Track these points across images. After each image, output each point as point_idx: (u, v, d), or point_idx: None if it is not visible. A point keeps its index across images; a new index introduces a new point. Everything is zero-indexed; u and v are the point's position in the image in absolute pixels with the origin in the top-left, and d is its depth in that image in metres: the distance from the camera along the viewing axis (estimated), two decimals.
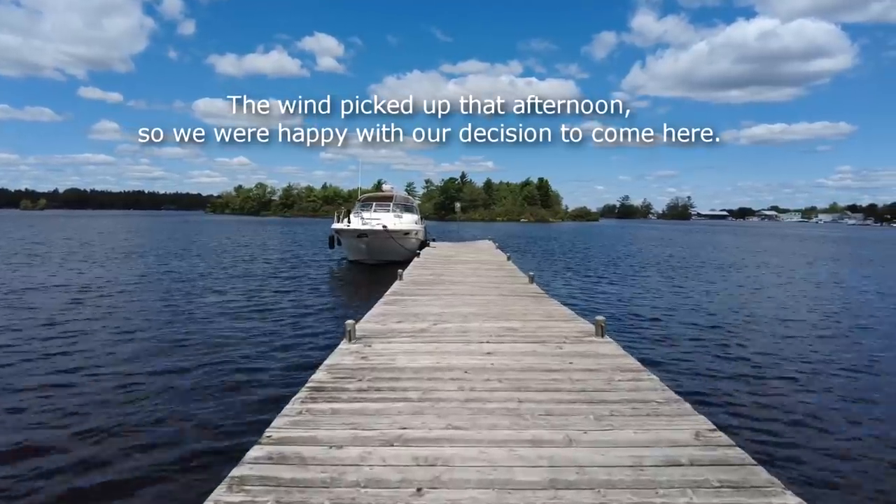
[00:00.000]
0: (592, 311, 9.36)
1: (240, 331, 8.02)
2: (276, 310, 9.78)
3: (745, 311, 10.60)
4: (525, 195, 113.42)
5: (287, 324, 8.59)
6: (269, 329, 8.19)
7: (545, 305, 7.08)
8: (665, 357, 6.87)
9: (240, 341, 7.35)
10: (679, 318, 9.70)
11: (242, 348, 6.97)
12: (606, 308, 10.27)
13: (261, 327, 8.31)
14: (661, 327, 8.87)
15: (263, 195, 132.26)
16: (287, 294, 11.48)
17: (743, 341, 7.98)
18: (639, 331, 8.52)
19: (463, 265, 12.37)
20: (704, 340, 7.97)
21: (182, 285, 12.33)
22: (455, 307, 6.82)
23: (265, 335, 7.76)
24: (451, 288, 8.62)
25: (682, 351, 7.29)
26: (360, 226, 14.91)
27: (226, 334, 7.75)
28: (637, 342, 7.53)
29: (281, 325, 8.46)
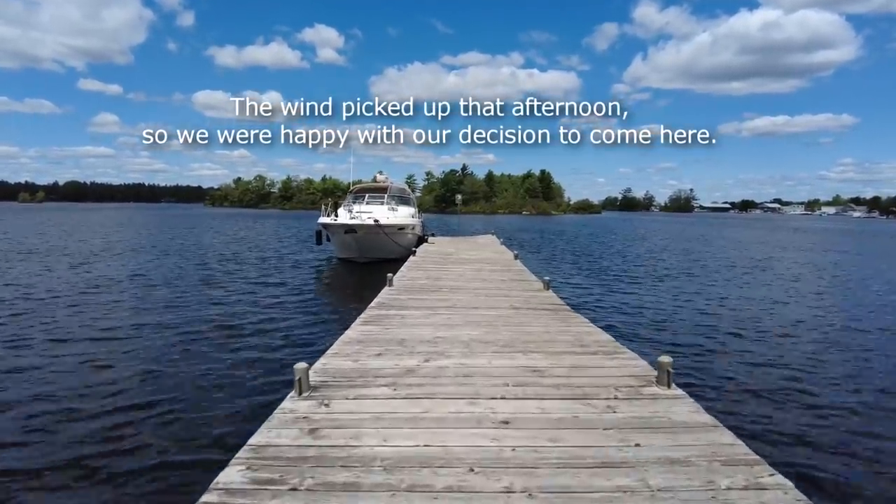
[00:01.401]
0: (631, 332, 7.71)
1: (164, 366, 5.89)
2: (228, 331, 7.50)
3: (831, 333, 8.13)
4: (527, 187, 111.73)
5: (233, 359, 6.18)
6: (203, 369, 5.78)
7: (573, 325, 5.52)
8: (754, 417, 4.73)
9: (152, 386, 5.24)
10: (743, 346, 7.21)
11: (155, 398, 4.87)
12: (640, 324, 8.51)
13: (191, 368, 5.83)
14: (727, 365, 6.30)
15: (262, 188, 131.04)
16: (252, 305, 9.37)
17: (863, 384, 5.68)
18: (702, 368, 6.17)
19: (464, 266, 10.81)
20: (800, 385, 5.60)
21: (131, 293, 10.34)
22: (455, 328, 5.27)
23: (194, 378, 5.49)
24: (449, 298, 7.07)
25: (770, 407, 4.98)
26: (347, 220, 13.30)
27: (150, 369, 5.73)
28: (704, 386, 5.46)
29: (223, 360, 6.14)
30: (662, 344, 7.10)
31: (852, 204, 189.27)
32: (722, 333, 7.96)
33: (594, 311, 9.06)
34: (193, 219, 51.52)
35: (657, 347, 6.71)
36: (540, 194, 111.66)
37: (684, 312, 9.55)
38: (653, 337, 7.61)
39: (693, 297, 11.18)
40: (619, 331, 7.47)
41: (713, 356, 6.76)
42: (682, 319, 8.95)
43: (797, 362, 6.52)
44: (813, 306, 10.45)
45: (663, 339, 7.45)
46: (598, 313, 8.96)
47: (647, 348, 6.63)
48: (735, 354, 6.88)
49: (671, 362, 3.51)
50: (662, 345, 7.01)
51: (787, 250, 25.44)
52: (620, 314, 9.26)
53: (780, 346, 7.40)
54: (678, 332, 8.02)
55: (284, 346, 6.86)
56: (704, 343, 7.38)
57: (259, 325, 7.93)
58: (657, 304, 10.24)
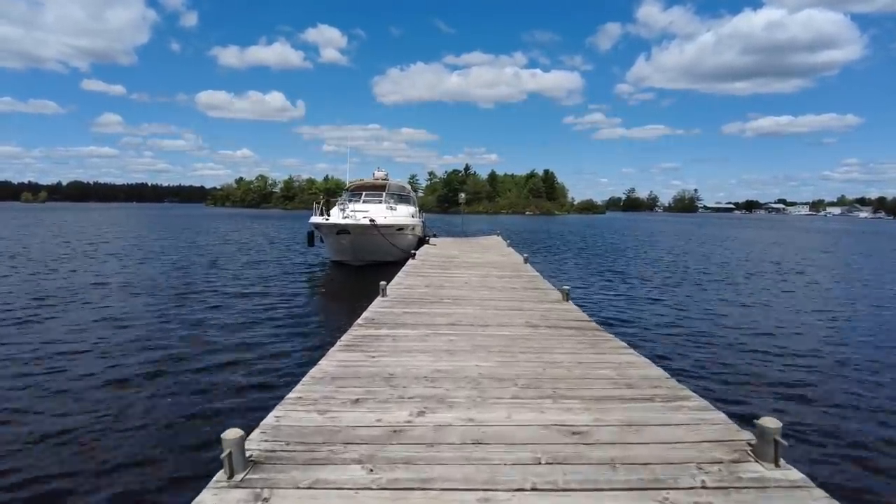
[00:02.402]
0: (680, 357, 6.49)
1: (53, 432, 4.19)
2: (177, 365, 5.90)
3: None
4: (530, 187, 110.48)
5: (167, 413, 4.60)
6: (115, 434, 4.17)
7: (607, 351, 4.39)
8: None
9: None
10: (847, 386, 5.60)
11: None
12: (687, 346, 7.02)
13: (100, 426, 4.28)
14: (834, 418, 4.73)
15: (264, 187, 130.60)
16: (218, 328, 7.59)
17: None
18: (800, 421, 4.59)
19: (469, 271, 9.69)
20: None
21: (77, 308, 8.73)
22: (459, 355, 4.16)
23: (100, 448, 3.93)
24: (452, 311, 5.95)
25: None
26: (340, 219, 12.17)
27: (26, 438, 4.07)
28: (813, 457, 3.93)
29: (152, 411, 4.63)
30: (728, 380, 5.72)
31: (857, 204, 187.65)
32: (804, 362, 6.46)
33: (626, 329, 7.73)
34: (190, 219, 50.51)
35: (724, 384, 5.51)
36: (543, 194, 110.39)
37: (740, 333, 7.92)
38: (711, 368, 6.16)
39: (744, 311, 9.59)
40: (665, 358, 6.22)
41: (806, 401, 5.13)
42: (740, 343, 7.35)
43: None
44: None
45: (727, 373, 5.99)
46: (632, 331, 7.67)
47: (712, 387, 5.37)
48: (839, 396, 5.29)
49: (779, 428, 2.38)
50: (729, 382, 5.66)
51: (813, 251, 24.21)
52: (660, 333, 7.77)
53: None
54: (740, 360, 6.50)
55: (241, 388, 5.25)
56: (781, 376, 5.90)
57: (218, 353, 6.38)
58: (703, 319, 8.74)
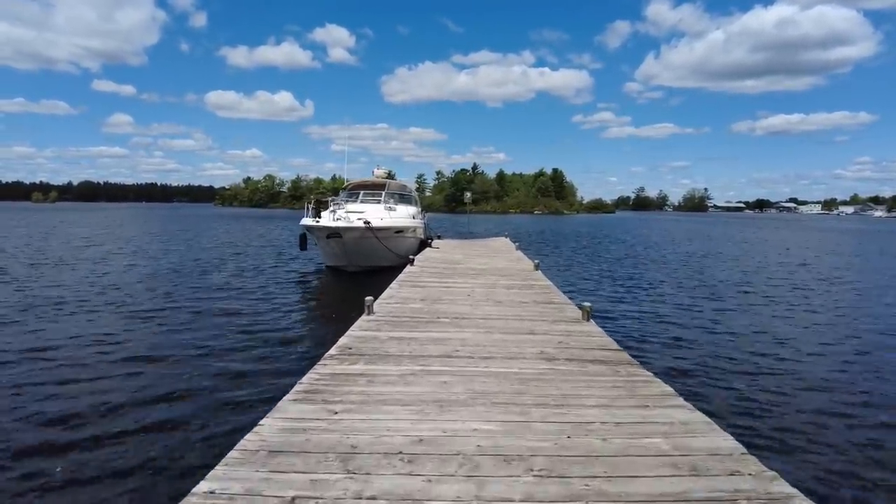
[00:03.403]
0: (754, 425, 4.70)
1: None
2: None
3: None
4: (538, 186, 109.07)
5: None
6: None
7: (651, 401, 3.24)
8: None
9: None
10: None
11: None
12: (755, 390, 5.39)
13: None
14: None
15: (272, 187, 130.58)
16: (163, 366, 5.82)
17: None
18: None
19: (473, 280, 8.57)
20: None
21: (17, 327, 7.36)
22: (451, 412, 3.05)
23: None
24: (449, 336, 4.84)
25: None
26: (331, 222, 11.10)
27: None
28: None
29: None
30: (850, 456, 4.03)
31: (871, 203, 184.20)
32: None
33: (663, 360, 6.26)
34: (193, 220, 49.70)
35: (828, 473, 3.76)
36: (552, 193, 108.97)
37: (817, 370, 6.06)
38: (798, 436, 4.38)
39: (813, 337, 7.68)
40: (730, 411, 4.78)
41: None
42: (824, 387, 5.50)
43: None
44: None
45: (823, 445, 4.21)
46: (671, 363, 6.19)
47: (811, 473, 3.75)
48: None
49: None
50: (834, 469, 3.84)
51: (848, 256, 22.77)
52: (707, 368, 6.06)
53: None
54: (837, 422, 4.67)
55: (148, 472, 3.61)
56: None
57: (139, 411, 4.59)
58: (762, 351, 6.83)
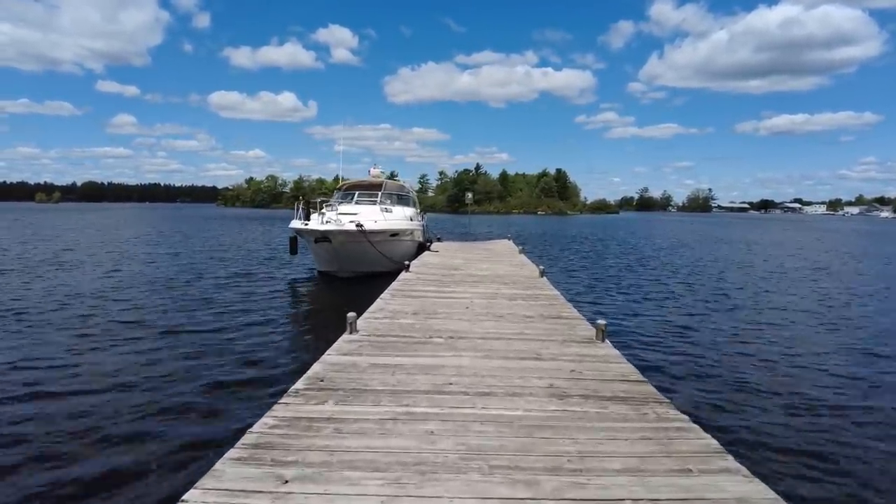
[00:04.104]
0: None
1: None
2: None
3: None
4: (542, 187, 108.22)
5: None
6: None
7: (701, 470, 2.52)
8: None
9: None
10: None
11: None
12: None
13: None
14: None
15: (274, 187, 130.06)
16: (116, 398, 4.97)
17: None
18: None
19: (473, 288, 7.85)
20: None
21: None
22: (435, 483, 2.34)
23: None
24: (441, 363, 4.12)
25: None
26: (319, 225, 10.37)
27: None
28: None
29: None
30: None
31: (877, 203, 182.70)
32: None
33: (695, 396, 5.23)
34: (191, 221, 49.05)
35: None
36: (555, 194, 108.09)
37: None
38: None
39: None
40: (790, 474, 3.81)
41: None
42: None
43: None
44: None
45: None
46: (704, 400, 5.17)
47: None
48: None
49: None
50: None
51: (874, 259, 21.94)
52: (756, 407, 5.03)
53: None
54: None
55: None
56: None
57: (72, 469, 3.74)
58: (814, 376, 6.00)
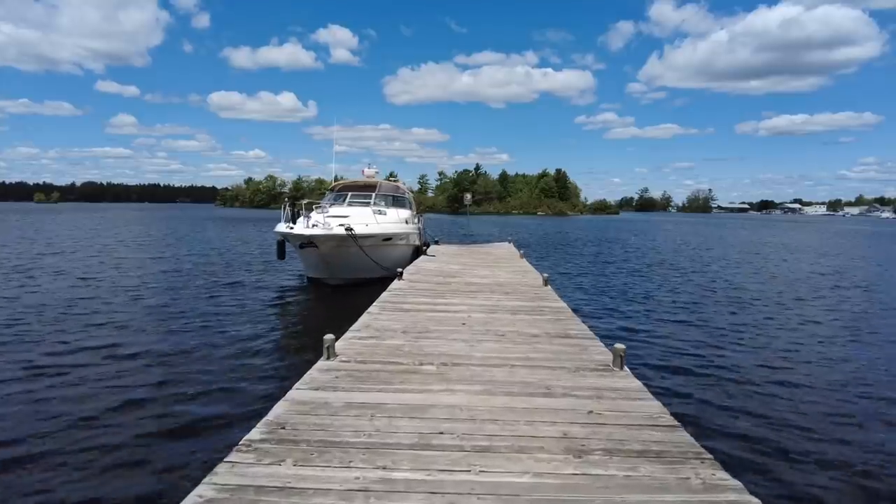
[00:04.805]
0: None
1: None
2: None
3: None
4: (542, 187, 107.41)
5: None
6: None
7: None
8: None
9: None
10: None
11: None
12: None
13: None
14: None
15: (273, 188, 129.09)
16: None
17: None
18: None
19: (470, 299, 7.16)
20: None
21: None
22: None
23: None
24: (432, 403, 3.43)
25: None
26: (304, 229, 9.64)
27: None
28: None
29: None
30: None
31: (877, 204, 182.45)
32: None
33: (742, 451, 4.26)
34: (187, 221, 48.32)
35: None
36: (556, 194, 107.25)
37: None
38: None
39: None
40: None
41: None
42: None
43: None
44: None
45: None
46: (756, 457, 4.21)
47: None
48: None
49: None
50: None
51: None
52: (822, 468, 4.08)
53: None
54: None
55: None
56: None
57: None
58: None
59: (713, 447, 3.25)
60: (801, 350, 7.40)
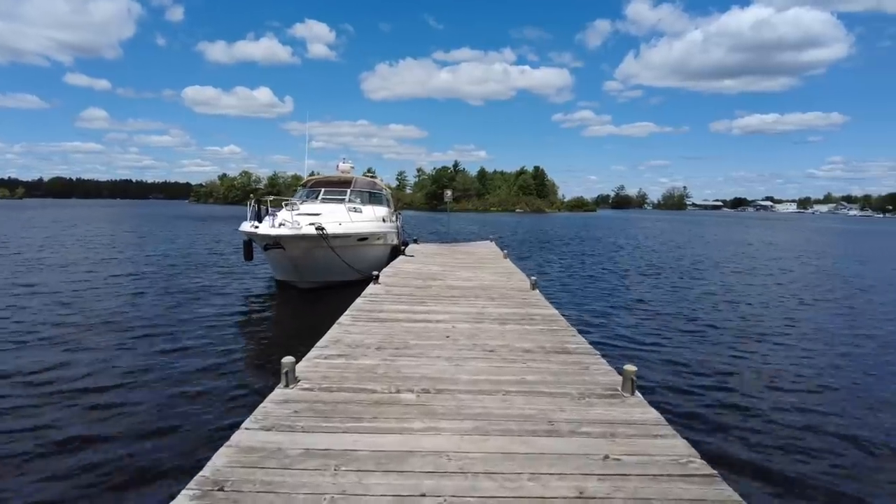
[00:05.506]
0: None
1: None
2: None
3: None
4: (520, 184, 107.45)
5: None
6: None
7: None
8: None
9: None
10: None
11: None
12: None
13: None
14: None
15: (248, 183, 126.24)
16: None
17: None
18: None
19: (453, 306, 6.52)
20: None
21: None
22: None
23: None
24: (411, 449, 2.78)
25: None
26: (270, 229, 8.87)
27: None
28: None
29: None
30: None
31: (844, 202, 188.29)
32: None
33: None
34: (156, 219, 46.61)
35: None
36: (534, 191, 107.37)
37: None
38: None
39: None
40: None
41: None
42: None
43: None
44: None
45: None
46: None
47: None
48: None
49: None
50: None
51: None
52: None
53: None
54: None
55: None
56: None
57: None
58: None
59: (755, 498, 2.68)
60: (822, 363, 6.78)
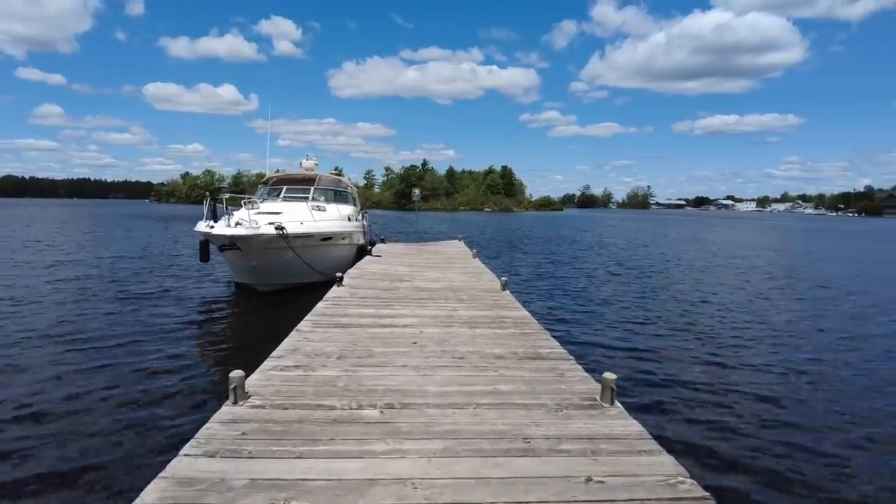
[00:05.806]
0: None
1: None
2: None
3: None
4: (488, 184, 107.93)
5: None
6: None
7: None
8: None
9: None
10: None
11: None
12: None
13: None
14: None
15: (211, 182, 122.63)
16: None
17: None
18: None
19: (421, 310, 6.21)
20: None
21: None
22: None
23: None
24: (374, 477, 2.46)
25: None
26: (226, 229, 8.35)
27: None
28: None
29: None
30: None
31: (800, 201, 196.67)
32: None
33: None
34: (112, 219, 44.63)
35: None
36: (502, 191, 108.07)
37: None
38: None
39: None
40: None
41: None
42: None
43: None
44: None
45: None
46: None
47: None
48: None
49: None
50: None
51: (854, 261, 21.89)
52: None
53: None
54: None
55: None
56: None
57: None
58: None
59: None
60: (802, 355, 6.94)
